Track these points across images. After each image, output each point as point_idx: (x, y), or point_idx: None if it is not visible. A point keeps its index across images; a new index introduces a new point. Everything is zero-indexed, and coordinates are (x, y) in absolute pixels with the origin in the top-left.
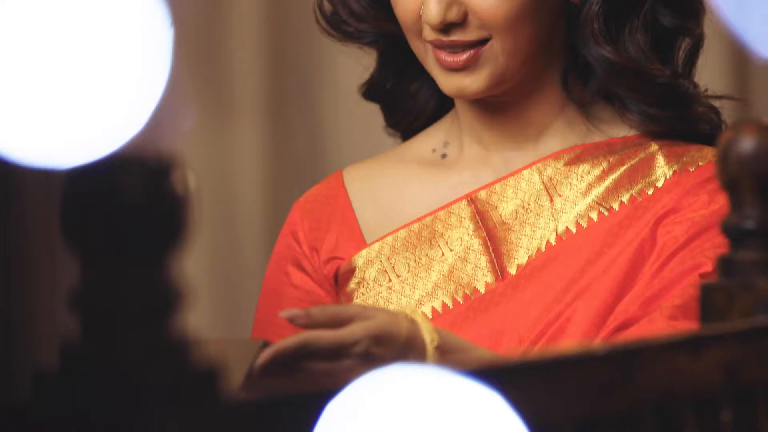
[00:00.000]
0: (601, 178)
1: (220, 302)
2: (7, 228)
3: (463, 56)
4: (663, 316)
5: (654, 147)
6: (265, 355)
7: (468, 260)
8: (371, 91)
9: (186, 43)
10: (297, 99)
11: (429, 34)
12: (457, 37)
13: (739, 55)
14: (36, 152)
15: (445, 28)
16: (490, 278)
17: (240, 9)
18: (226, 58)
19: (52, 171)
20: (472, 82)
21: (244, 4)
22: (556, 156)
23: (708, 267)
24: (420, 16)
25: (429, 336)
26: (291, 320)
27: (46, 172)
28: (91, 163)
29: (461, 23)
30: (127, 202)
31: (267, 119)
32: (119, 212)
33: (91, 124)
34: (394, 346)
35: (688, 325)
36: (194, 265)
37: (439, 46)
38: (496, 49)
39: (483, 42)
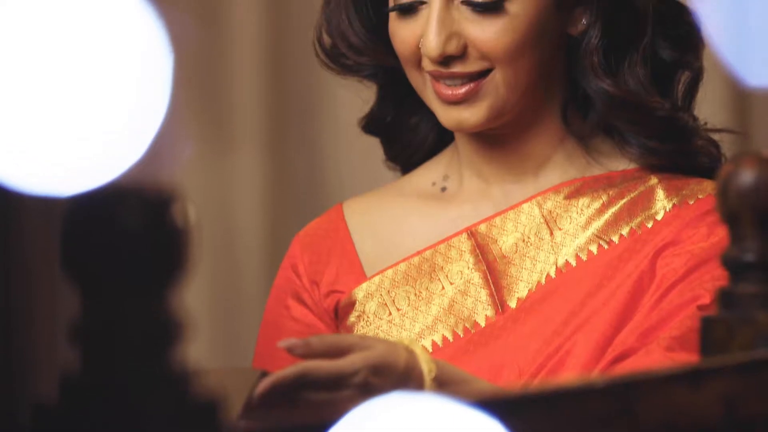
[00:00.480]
0: (600, 211)
1: (220, 333)
2: (8, 259)
3: (462, 89)
4: (660, 348)
5: (654, 180)
6: (264, 384)
7: (468, 294)
8: (371, 124)
9: (186, 73)
10: (297, 131)
11: (428, 65)
12: (457, 68)
13: (738, 88)
14: (36, 179)
15: (445, 60)
16: (490, 312)
17: (241, 40)
18: (226, 89)
19: (51, 198)
20: (471, 114)
21: (245, 36)
22: (556, 189)
23: (706, 299)
24: (418, 47)
25: (427, 367)
26: (290, 350)
27: (45, 200)
28: (91, 193)
29: (461, 56)
30: (127, 234)
31: (267, 151)
32: (119, 244)
33: (91, 151)
34: (392, 376)
35: (686, 357)
36: (194, 296)
37: (438, 77)
38: (497, 80)
39: (484, 73)
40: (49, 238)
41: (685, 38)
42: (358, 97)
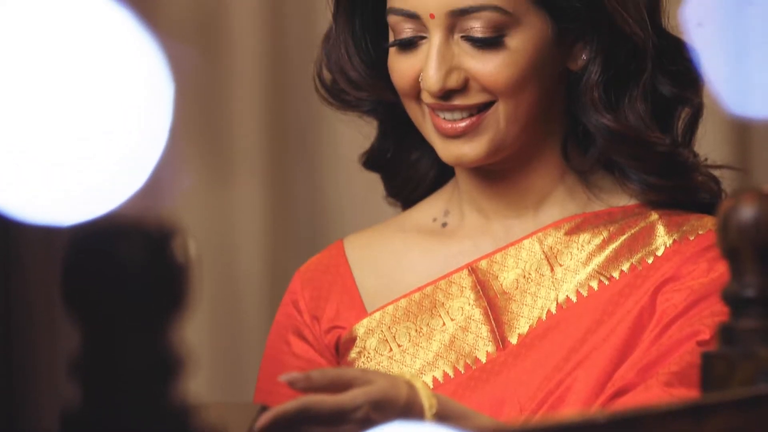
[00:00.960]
0: (601, 247)
1: (221, 368)
2: (8, 288)
3: (463, 123)
4: (659, 383)
5: (654, 216)
6: (265, 418)
7: (469, 330)
8: (371, 160)
9: (187, 104)
10: (298, 165)
11: (428, 98)
12: (458, 101)
13: (739, 123)
14: (36, 209)
15: (446, 94)
16: (491, 348)
17: (242, 72)
18: (227, 124)
19: (52, 228)
20: (471, 149)
21: (246, 68)
22: (556, 225)
23: (706, 335)
24: (417, 81)
25: (428, 402)
26: (291, 384)
27: (46, 229)
28: (92, 227)
29: (462, 89)
30: (128, 270)
31: (268, 184)
32: (120, 279)
33: (91, 181)
34: (393, 411)
35: (685, 393)
36: (195, 331)
37: (439, 110)
38: (499, 113)
39: (486, 106)
40: (49, 267)
41: (685, 74)
42: (358, 133)
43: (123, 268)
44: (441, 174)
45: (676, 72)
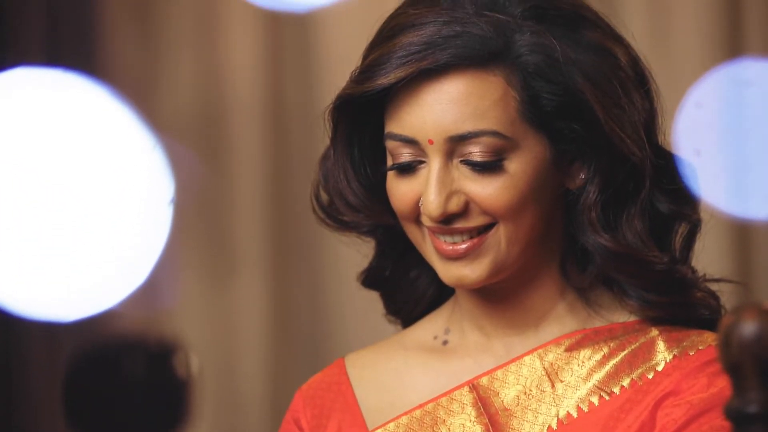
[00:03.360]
0: (602, 363)
1: None
2: (10, 384)
3: (464, 245)
4: None
5: (654, 332)
6: None
7: None
8: (370, 279)
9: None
10: (300, 284)
11: (428, 222)
12: (459, 225)
13: (738, 236)
14: (38, 306)
15: (446, 219)
16: None
17: (243, 180)
18: (228, 231)
19: (53, 324)
20: (472, 271)
21: (248, 175)
22: (557, 342)
23: None
24: (417, 204)
25: None
26: None
27: (47, 326)
28: (94, 344)
29: (463, 212)
30: (129, 386)
31: (269, 300)
32: (122, 394)
33: (91, 279)
34: None
35: None
36: None
37: (439, 233)
38: (500, 234)
39: (487, 228)
40: (51, 364)
41: (683, 191)
42: (357, 252)
43: (124, 383)
44: (440, 291)
45: (674, 189)
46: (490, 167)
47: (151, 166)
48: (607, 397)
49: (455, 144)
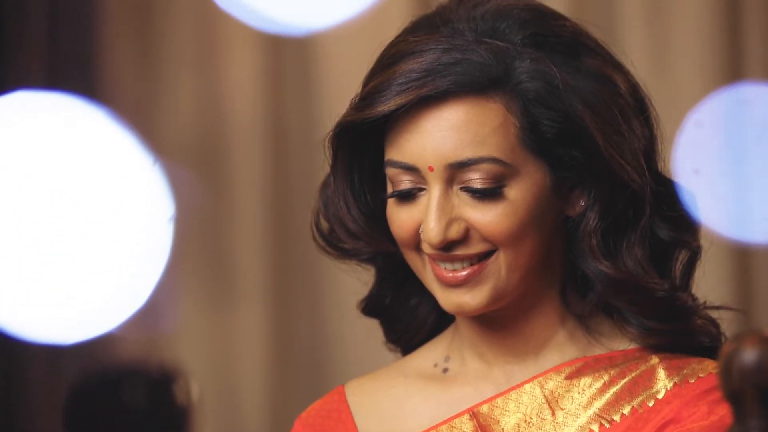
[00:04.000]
0: (602, 390)
1: None
2: (11, 407)
3: (464, 272)
4: None
5: (655, 360)
6: None
7: None
8: (370, 306)
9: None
10: (300, 311)
11: (428, 249)
12: (459, 251)
13: (739, 260)
14: (38, 328)
15: (447, 246)
16: None
17: (244, 204)
18: (228, 254)
19: (54, 347)
20: (472, 298)
21: (249, 201)
22: (557, 369)
23: None
24: (417, 231)
25: None
26: None
27: (48, 348)
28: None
29: (463, 239)
30: (130, 412)
31: (269, 326)
32: (123, 421)
33: (91, 302)
34: None
35: None
36: None
37: (440, 260)
38: (500, 261)
39: (486, 255)
40: (52, 389)
41: (683, 218)
42: (357, 280)
43: (125, 410)
44: (440, 319)
45: (674, 216)
46: (490, 194)
47: (151, 189)
48: (607, 425)
49: (455, 171)
